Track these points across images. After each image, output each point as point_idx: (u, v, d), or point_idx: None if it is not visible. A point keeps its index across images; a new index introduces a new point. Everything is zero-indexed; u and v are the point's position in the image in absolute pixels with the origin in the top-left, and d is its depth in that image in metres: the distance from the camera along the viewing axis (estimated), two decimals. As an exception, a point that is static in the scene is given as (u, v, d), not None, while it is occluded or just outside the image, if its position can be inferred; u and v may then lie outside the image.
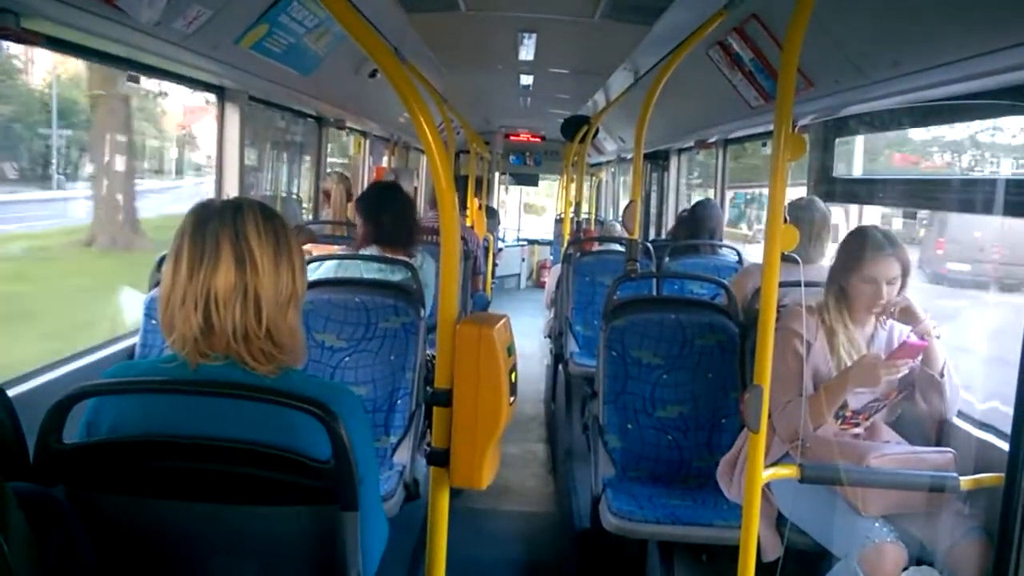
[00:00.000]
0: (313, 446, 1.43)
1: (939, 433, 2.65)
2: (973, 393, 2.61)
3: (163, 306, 1.51)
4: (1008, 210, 2.39)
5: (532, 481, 4.79)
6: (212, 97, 3.93)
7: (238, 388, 1.46)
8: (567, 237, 7.23)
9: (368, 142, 7.13)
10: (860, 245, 2.60)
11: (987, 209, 2.58)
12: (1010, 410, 1.89)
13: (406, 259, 3.42)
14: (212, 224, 1.50)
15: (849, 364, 2.59)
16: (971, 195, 2.65)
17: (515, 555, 3.81)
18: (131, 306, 3.49)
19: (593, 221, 9.41)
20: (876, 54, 2.55)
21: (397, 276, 3.40)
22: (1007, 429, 1.95)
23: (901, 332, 2.68)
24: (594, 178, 13.74)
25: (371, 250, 3.53)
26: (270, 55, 3.42)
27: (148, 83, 3.42)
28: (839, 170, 3.72)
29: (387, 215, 3.54)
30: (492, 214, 10.16)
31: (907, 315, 2.56)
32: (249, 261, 1.49)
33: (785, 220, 1.99)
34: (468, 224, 7.13)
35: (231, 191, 3.84)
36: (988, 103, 2.47)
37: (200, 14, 2.63)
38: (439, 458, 1.93)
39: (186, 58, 3.00)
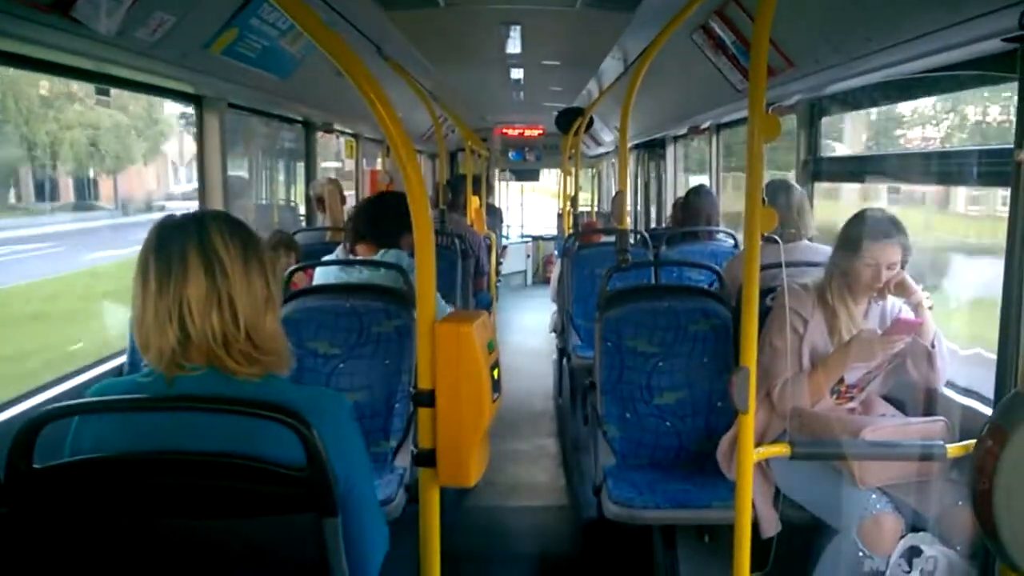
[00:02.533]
0: (300, 454, 1.41)
1: (927, 401, 2.66)
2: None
3: (137, 325, 1.49)
4: (988, 180, 2.37)
5: (542, 476, 4.79)
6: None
7: (205, 401, 1.44)
8: (568, 230, 7.19)
9: (360, 145, 7.05)
10: (864, 229, 2.59)
11: (968, 180, 2.57)
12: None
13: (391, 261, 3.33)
14: (176, 237, 1.49)
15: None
16: (951, 167, 2.63)
17: (524, 550, 3.81)
18: None
19: (594, 213, 9.34)
20: (850, 31, 2.54)
21: (387, 279, 3.35)
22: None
23: (894, 305, 2.71)
24: (594, 169, 13.69)
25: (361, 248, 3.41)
26: (245, 60, 3.38)
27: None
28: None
29: (382, 216, 3.38)
30: (494, 212, 10.04)
31: (901, 288, 2.59)
32: (219, 267, 1.48)
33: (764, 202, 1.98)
34: (468, 223, 7.03)
35: (215, 203, 3.79)
36: (961, 74, 2.45)
37: (164, 21, 2.59)
38: (426, 458, 1.92)
39: (156, 68, 2.95)
